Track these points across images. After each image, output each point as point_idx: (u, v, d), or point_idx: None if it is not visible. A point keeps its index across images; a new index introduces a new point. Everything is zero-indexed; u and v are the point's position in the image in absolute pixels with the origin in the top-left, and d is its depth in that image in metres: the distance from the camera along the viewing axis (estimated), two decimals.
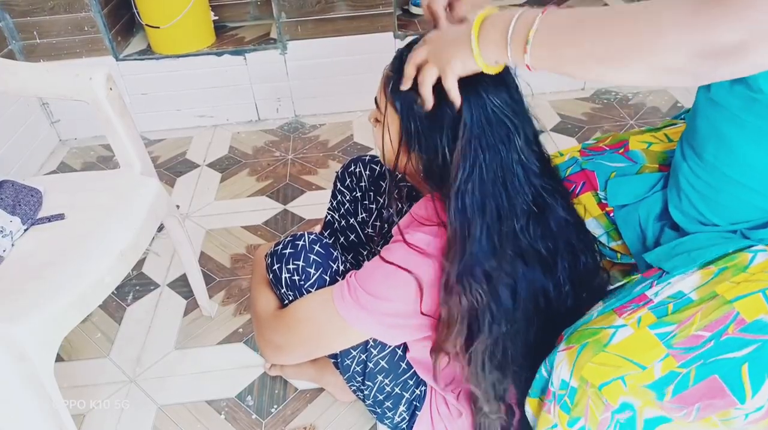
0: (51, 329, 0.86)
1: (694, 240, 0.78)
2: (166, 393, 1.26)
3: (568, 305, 0.81)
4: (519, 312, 0.77)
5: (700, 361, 0.66)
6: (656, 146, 0.98)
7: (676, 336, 0.68)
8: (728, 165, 0.73)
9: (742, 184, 0.73)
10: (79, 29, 2.02)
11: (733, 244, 0.74)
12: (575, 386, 0.71)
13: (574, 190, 1.01)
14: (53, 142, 2.21)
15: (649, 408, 0.68)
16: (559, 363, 0.73)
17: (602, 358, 0.69)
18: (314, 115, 2.30)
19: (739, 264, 0.71)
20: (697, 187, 0.79)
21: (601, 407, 0.69)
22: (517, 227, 0.74)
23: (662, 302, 0.71)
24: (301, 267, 0.90)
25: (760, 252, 0.71)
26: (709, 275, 0.72)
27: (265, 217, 1.77)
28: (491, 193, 0.72)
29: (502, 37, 0.61)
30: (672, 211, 0.85)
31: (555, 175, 0.82)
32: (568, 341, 0.74)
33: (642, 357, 0.68)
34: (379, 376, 0.94)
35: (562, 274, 0.80)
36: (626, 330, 0.70)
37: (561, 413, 0.74)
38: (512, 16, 0.61)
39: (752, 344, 0.65)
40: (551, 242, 0.78)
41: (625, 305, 0.74)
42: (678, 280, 0.73)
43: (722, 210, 0.76)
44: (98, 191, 1.13)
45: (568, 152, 1.07)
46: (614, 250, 0.98)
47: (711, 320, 0.67)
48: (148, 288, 1.54)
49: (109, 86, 1.09)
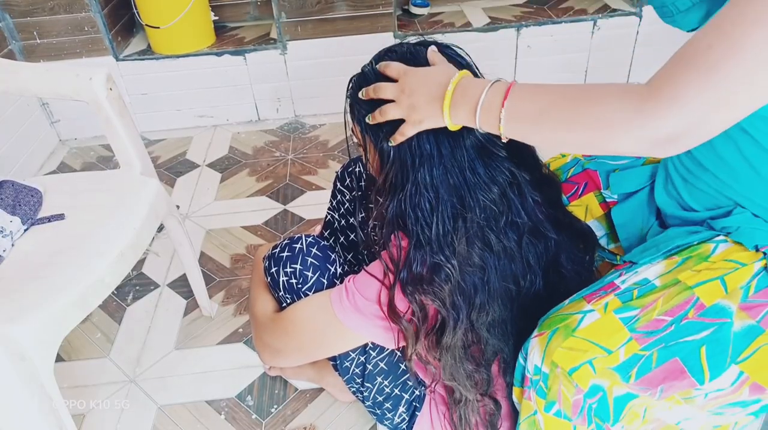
0: (51, 329, 0.86)
1: (665, 236, 0.81)
2: (166, 393, 1.26)
3: (539, 289, 0.82)
4: (492, 302, 0.77)
5: (662, 344, 0.69)
6: None
7: (639, 320, 0.70)
8: (706, 158, 0.76)
9: (715, 176, 0.76)
10: (79, 29, 2.03)
11: (698, 236, 0.76)
12: (547, 372, 0.73)
13: (577, 192, 1.01)
14: (53, 142, 2.21)
15: (618, 387, 0.71)
16: (531, 349, 0.76)
17: (571, 343, 0.71)
18: (314, 115, 2.30)
19: (702, 254, 0.74)
20: (680, 172, 0.82)
21: (572, 390, 0.71)
22: (481, 220, 0.74)
23: (628, 289, 0.74)
24: (298, 270, 0.90)
25: (721, 243, 0.74)
26: (673, 264, 0.75)
27: (265, 217, 1.77)
28: (447, 190, 0.72)
29: (471, 110, 0.66)
30: (657, 191, 0.87)
31: (529, 160, 0.81)
32: (540, 327, 0.77)
33: (607, 341, 0.70)
34: (379, 377, 0.94)
35: (533, 260, 0.80)
36: (593, 315, 0.73)
37: (538, 399, 0.76)
38: (482, 88, 0.66)
39: (710, 327, 0.68)
40: (519, 231, 0.78)
41: (595, 292, 0.77)
42: (644, 269, 0.76)
43: (700, 195, 0.79)
44: (98, 191, 1.13)
45: (570, 153, 1.08)
46: (613, 252, 0.98)
47: (672, 305, 0.70)
48: (148, 288, 1.54)
49: (109, 86, 1.09)
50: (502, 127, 0.65)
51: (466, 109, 0.66)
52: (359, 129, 0.78)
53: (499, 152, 0.75)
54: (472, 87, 0.67)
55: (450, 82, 0.67)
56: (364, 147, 0.79)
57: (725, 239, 0.75)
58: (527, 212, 0.78)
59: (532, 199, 0.79)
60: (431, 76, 0.70)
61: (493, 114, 0.65)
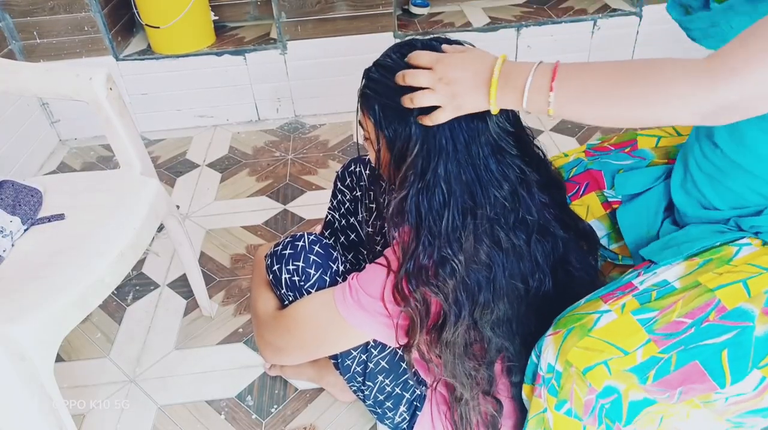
0: (51, 329, 0.86)
1: (686, 234, 0.80)
2: (166, 393, 1.26)
3: (548, 289, 0.82)
4: (498, 300, 0.77)
5: (681, 347, 0.68)
6: (665, 140, 0.99)
7: (657, 322, 0.70)
8: (739, 153, 0.74)
9: (750, 172, 0.74)
10: (79, 29, 2.02)
11: (722, 237, 0.75)
12: (560, 370, 0.73)
13: (578, 191, 1.01)
14: (53, 142, 2.21)
15: (634, 391, 0.70)
16: (546, 348, 0.75)
17: (587, 342, 0.71)
18: (314, 115, 2.30)
19: (724, 256, 0.73)
20: (705, 170, 0.80)
21: (585, 390, 0.71)
22: (491, 216, 0.73)
23: (646, 290, 0.73)
24: (300, 268, 0.90)
25: (745, 246, 0.73)
26: (694, 266, 0.74)
27: (265, 217, 1.77)
28: (459, 186, 0.72)
29: (519, 93, 0.65)
30: (674, 190, 0.86)
31: (532, 154, 0.81)
32: (555, 326, 0.76)
33: (624, 342, 0.70)
34: (380, 376, 0.94)
35: (541, 259, 0.80)
36: (610, 315, 0.72)
37: (549, 397, 0.76)
38: (528, 70, 0.65)
39: (732, 330, 0.67)
40: (528, 229, 0.78)
41: (612, 292, 0.76)
42: (663, 270, 0.75)
43: (727, 193, 0.78)
44: (98, 191, 1.13)
45: (573, 153, 1.07)
46: (615, 252, 0.98)
47: (692, 308, 0.69)
48: (148, 288, 1.54)
49: (109, 86, 1.09)
50: (552, 109, 0.64)
51: (512, 94, 0.66)
52: (372, 122, 0.76)
53: (511, 150, 0.74)
54: (515, 71, 0.66)
55: (493, 68, 0.67)
56: (373, 140, 0.78)
57: (749, 241, 0.73)
58: (536, 210, 0.78)
59: (540, 200, 0.79)
60: (470, 62, 0.69)
61: (542, 96, 0.64)
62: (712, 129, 0.78)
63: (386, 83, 0.73)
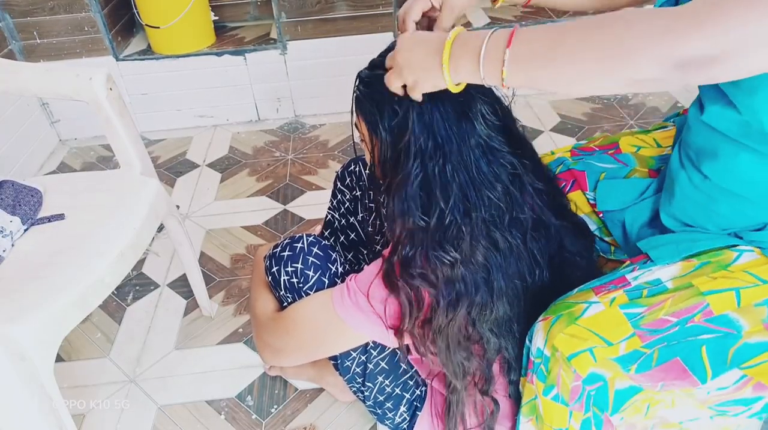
0: (51, 329, 0.86)
1: (688, 233, 0.80)
2: (166, 393, 1.26)
3: (545, 279, 0.82)
4: (498, 301, 0.77)
5: (663, 343, 0.69)
6: (645, 151, 0.99)
7: (644, 318, 0.70)
8: (726, 180, 0.73)
9: (741, 196, 0.73)
10: (79, 29, 2.02)
11: (723, 240, 0.75)
12: (548, 355, 0.74)
13: (564, 189, 1.01)
14: (53, 142, 2.21)
15: (620, 379, 0.71)
16: (536, 333, 0.76)
17: (573, 330, 0.72)
18: (314, 115, 2.30)
19: (723, 261, 0.73)
20: (693, 198, 0.79)
21: (571, 376, 0.72)
22: (486, 218, 0.74)
23: (638, 287, 0.74)
24: (299, 269, 0.90)
25: (745, 252, 0.73)
26: (690, 268, 0.74)
27: (265, 217, 1.77)
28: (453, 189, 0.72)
29: (474, 58, 0.61)
30: (663, 216, 0.85)
31: (528, 147, 0.81)
32: (546, 312, 0.78)
33: (609, 333, 0.71)
34: (380, 377, 0.94)
35: (538, 254, 0.80)
36: (598, 306, 0.73)
37: (538, 382, 0.77)
38: (484, 35, 0.60)
39: (714, 333, 0.68)
40: (523, 227, 0.78)
41: (604, 284, 0.77)
42: (659, 268, 0.76)
43: (717, 218, 0.77)
44: (98, 191, 1.13)
45: (560, 152, 1.08)
46: (608, 242, 0.98)
47: (680, 307, 0.70)
48: (148, 288, 1.54)
49: (109, 86, 1.09)
50: (506, 71, 0.58)
51: (467, 60, 0.61)
52: (365, 124, 0.77)
53: (502, 148, 0.74)
54: (472, 38, 0.62)
55: (446, 40, 0.63)
56: (368, 142, 0.79)
57: (752, 250, 0.73)
58: (529, 205, 0.78)
59: (533, 187, 0.79)
60: (425, 36, 0.67)
61: (499, 59, 0.59)
62: (694, 157, 0.77)
63: (376, 86, 0.73)
